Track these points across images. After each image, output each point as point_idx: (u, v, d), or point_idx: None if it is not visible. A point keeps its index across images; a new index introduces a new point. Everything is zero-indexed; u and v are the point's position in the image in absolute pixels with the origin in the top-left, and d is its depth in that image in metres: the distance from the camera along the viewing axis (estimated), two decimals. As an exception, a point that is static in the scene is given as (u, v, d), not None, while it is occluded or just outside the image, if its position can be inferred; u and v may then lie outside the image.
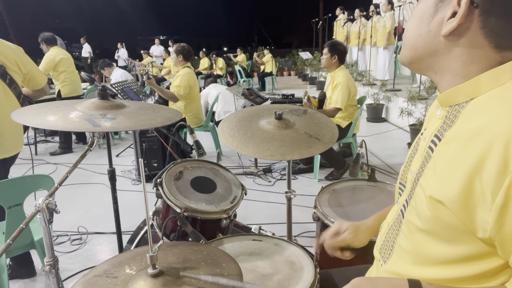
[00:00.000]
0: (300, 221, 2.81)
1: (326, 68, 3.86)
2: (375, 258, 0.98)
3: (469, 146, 0.67)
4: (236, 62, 11.64)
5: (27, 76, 2.17)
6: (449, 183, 0.69)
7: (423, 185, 0.77)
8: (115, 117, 1.24)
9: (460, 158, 0.68)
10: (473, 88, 0.73)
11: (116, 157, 4.81)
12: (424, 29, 0.76)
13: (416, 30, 0.78)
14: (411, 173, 0.86)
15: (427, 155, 0.80)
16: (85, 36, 13.98)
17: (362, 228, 1.12)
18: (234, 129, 1.60)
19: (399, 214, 0.88)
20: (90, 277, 0.90)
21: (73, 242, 2.77)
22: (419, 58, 0.79)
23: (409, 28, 0.80)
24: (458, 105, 0.76)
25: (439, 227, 0.72)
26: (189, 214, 1.48)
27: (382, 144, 5.14)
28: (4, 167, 2.15)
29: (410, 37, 0.80)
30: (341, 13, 10.63)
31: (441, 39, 0.74)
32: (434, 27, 0.75)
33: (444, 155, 0.74)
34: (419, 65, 0.81)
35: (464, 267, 0.71)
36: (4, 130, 2.05)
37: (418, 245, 0.78)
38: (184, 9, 32.59)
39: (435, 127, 0.81)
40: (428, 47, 0.77)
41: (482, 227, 0.66)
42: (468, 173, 0.65)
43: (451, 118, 0.76)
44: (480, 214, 0.65)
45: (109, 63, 6.14)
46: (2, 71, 2.00)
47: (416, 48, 0.79)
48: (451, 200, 0.68)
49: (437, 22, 0.74)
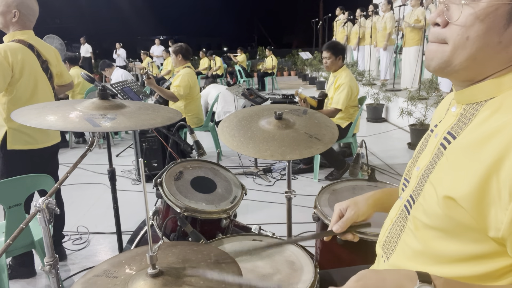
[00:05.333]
0: (300, 221, 2.81)
1: (332, 71, 3.84)
2: (377, 255, 0.97)
3: (488, 144, 0.66)
4: (236, 62, 11.65)
5: (58, 73, 2.46)
6: (464, 180, 0.68)
7: (433, 182, 0.76)
8: (115, 117, 1.24)
9: (477, 156, 0.67)
10: (494, 88, 0.72)
11: (116, 157, 4.81)
12: (494, 40, 0.69)
13: (484, 41, 0.70)
14: (417, 169, 0.85)
15: (438, 152, 0.79)
16: (84, 36, 13.97)
17: (361, 200, 1.10)
18: (234, 129, 1.60)
19: (403, 210, 0.88)
20: (90, 277, 0.90)
21: (73, 242, 2.77)
22: (474, 68, 0.73)
23: (471, 36, 0.70)
24: (476, 104, 0.75)
25: (449, 225, 0.71)
26: (189, 214, 1.48)
27: (382, 144, 5.14)
28: (55, 156, 2.46)
29: (472, 46, 0.71)
30: (341, 13, 10.63)
31: (509, 51, 0.70)
32: (507, 39, 0.69)
33: (459, 152, 0.73)
34: (466, 75, 0.75)
35: (472, 265, 0.70)
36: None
37: (425, 242, 0.77)
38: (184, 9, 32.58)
39: (448, 124, 0.80)
40: (491, 57, 0.71)
41: (495, 226, 0.65)
42: (485, 171, 0.65)
43: (468, 116, 0.75)
44: (494, 213, 0.64)
45: (109, 63, 6.15)
46: (46, 66, 2.28)
47: (476, 58, 0.71)
48: (464, 197, 0.67)
49: (511, 34, 0.69)
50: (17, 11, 2.12)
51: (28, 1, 2.16)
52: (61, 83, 2.51)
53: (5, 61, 2.03)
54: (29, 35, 2.20)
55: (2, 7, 2.11)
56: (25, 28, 2.18)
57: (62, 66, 2.50)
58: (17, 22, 2.14)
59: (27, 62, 2.12)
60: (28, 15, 2.17)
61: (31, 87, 2.17)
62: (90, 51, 13.91)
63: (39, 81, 2.22)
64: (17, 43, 2.13)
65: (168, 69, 10.32)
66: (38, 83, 2.21)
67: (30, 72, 2.15)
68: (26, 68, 2.12)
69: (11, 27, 2.16)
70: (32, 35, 2.23)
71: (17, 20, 2.13)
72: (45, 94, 2.27)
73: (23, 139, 2.16)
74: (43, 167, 2.23)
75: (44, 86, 2.27)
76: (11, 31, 2.17)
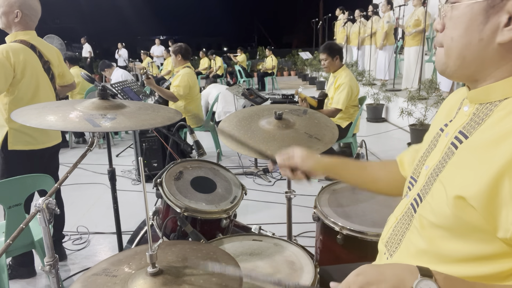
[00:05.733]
0: (300, 221, 2.81)
1: (331, 72, 3.84)
2: (379, 252, 0.97)
3: (501, 145, 0.66)
4: (236, 62, 11.64)
5: (60, 74, 2.46)
6: (475, 179, 0.68)
7: (443, 181, 0.76)
8: (115, 117, 1.24)
9: (489, 156, 0.67)
10: (508, 88, 0.72)
11: (116, 157, 4.81)
12: (475, 37, 0.72)
13: (465, 39, 0.74)
14: (426, 167, 0.85)
15: (449, 151, 0.79)
16: (85, 36, 13.97)
17: (313, 156, 1.15)
18: (234, 129, 1.60)
19: (409, 208, 0.87)
20: (89, 275, 0.90)
21: (73, 242, 2.77)
22: (467, 67, 0.76)
23: (454, 37, 0.75)
24: (490, 104, 0.75)
25: (456, 224, 0.71)
26: (189, 214, 1.48)
27: (382, 144, 5.14)
28: (55, 157, 2.47)
29: (457, 46, 0.75)
30: (341, 13, 10.63)
31: (494, 47, 0.71)
32: (487, 35, 0.71)
33: (471, 152, 0.73)
34: (463, 74, 0.78)
35: (477, 266, 0.70)
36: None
37: (431, 241, 0.77)
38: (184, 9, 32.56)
39: (460, 124, 0.80)
40: (479, 55, 0.73)
41: (505, 227, 0.65)
42: (497, 171, 0.65)
43: (481, 116, 0.75)
44: (504, 213, 0.64)
45: (109, 64, 6.14)
46: (48, 67, 2.28)
47: (465, 57, 0.75)
48: (475, 196, 0.67)
49: (490, 30, 0.71)
50: (19, 11, 2.11)
51: (30, 1, 2.16)
52: (63, 83, 2.51)
53: (7, 61, 2.03)
54: (31, 36, 2.20)
55: (4, 8, 2.11)
56: (27, 28, 2.18)
57: (64, 66, 2.51)
58: (19, 22, 2.14)
59: (29, 62, 2.12)
60: (30, 15, 2.17)
61: (32, 88, 2.17)
62: (88, 50, 13.92)
63: (41, 82, 2.22)
64: (19, 43, 2.13)
65: (168, 69, 10.31)
66: (40, 83, 2.21)
67: (32, 73, 2.15)
68: (28, 68, 2.12)
69: (14, 27, 2.17)
70: (34, 36, 2.23)
71: (19, 21, 2.13)
72: (46, 95, 2.27)
73: (24, 139, 2.16)
74: (44, 167, 2.23)
75: (46, 86, 2.27)
76: (13, 31, 2.17)
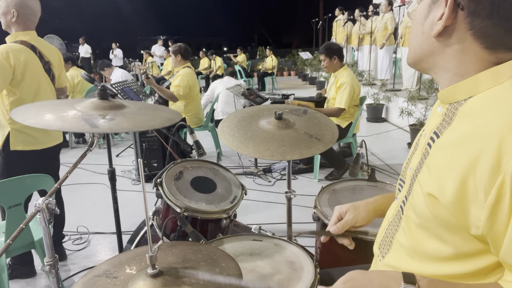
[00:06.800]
0: (300, 221, 2.81)
1: (331, 72, 3.85)
2: (374, 255, 0.98)
3: (464, 145, 0.68)
4: (236, 62, 11.64)
5: (58, 76, 2.43)
6: (444, 180, 0.70)
7: (420, 181, 0.78)
8: (113, 118, 1.24)
9: (455, 157, 0.69)
10: (472, 86, 0.74)
11: (116, 157, 4.81)
12: (419, 30, 0.78)
13: (413, 32, 0.80)
14: (410, 169, 0.87)
15: (425, 152, 0.81)
16: (84, 37, 13.95)
17: (361, 205, 1.10)
18: (234, 129, 1.60)
19: (398, 210, 0.89)
20: (90, 277, 0.90)
21: (73, 242, 2.77)
22: (419, 58, 0.81)
23: (411, 31, 0.82)
24: (457, 103, 0.76)
25: (435, 223, 0.73)
26: (189, 214, 1.48)
27: (382, 144, 5.14)
28: (56, 157, 2.49)
29: (410, 38, 0.82)
30: (340, 14, 10.62)
31: (433, 40, 0.75)
32: (427, 28, 0.76)
33: (440, 152, 0.75)
34: (421, 66, 0.83)
35: (460, 264, 0.72)
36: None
37: (416, 242, 0.79)
38: (184, 9, 32.56)
39: (434, 124, 0.82)
40: (424, 47, 0.79)
41: (475, 224, 0.67)
42: (463, 172, 0.67)
43: (450, 115, 0.77)
44: (473, 211, 0.66)
45: (108, 63, 6.14)
46: (48, 67, 2.28)
47: (415, 49, 0.81)
48: (446, 197, 0.69)
49: (429, 23, 0.75)
50: (15, 11, 2.10)
51: (27, 0, 2.15)
52: (60, 85, 2.48)
53: (6, 62, 2.02)
54: (32, 36, 2.20)
55: (2, 8, 2.11)
56: (26, 28, 2.17)
57: (62, 70, 2.49)
58: (16, 22, 2.13)
59: (29, 63, 2.12)
60: (27, 15, 2.15)
61: (34, 89, 2.17)
62: (89, 51, 13.91)
63: (42, 83, 2.22)
64: (19, 44, 2.13)
65: (168, 69, 10.31)
66: (41, 84, 2.21)
67: (33, 74, 2.15)
68: (28, 69, 2.11)
69: (13, 27, 2.16)
70: (35, 36, 2.22)
71: (16, 20, 2.12)
72: (47, 96, 2.27)
73: (26, 139, 2.16)
74: (45, 167, 2.23)
75: (47, 87, 2.27)
76: (13, 32, 2.17)
